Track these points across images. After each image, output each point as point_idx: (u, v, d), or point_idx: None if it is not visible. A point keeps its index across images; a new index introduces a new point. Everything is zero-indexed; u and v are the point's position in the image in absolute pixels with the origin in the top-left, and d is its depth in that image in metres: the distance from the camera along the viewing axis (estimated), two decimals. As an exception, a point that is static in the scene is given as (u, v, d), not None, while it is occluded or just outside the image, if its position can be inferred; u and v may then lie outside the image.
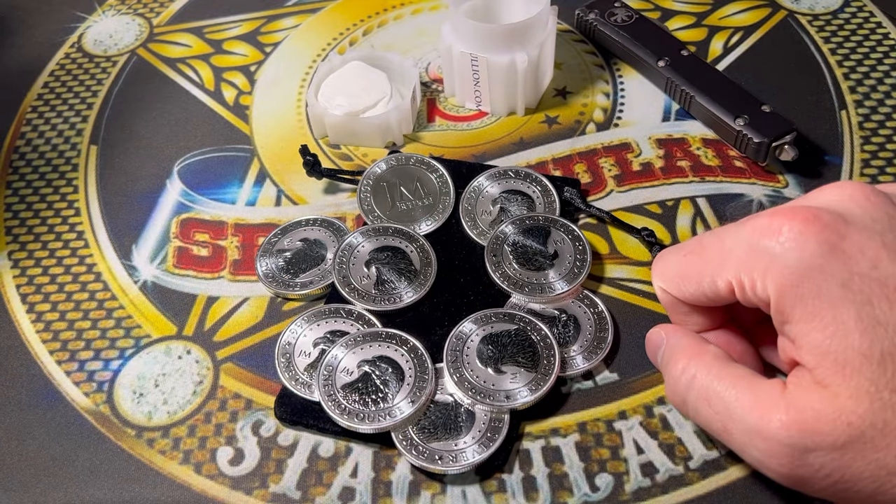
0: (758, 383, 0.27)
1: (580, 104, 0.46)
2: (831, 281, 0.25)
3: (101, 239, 0.41)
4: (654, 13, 0.51)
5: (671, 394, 0.30)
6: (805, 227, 0.25)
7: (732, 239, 0.28)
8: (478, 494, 0.31)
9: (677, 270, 0.30)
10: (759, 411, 0.26)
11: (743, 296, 0.28)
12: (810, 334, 0.25)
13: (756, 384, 0.27)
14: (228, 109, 0.47)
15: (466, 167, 0.42)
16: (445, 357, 0.34)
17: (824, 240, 0.25)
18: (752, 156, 0.41)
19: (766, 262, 0.26)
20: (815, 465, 0.24)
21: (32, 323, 0.38)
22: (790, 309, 0.25)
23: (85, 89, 0.49)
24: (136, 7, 0.55)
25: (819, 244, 0.25)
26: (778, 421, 0.25)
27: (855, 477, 0.24)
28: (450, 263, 0.38)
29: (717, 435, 0.28)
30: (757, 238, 0.26)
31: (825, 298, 0.25)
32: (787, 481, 0.26)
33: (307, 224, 0.40)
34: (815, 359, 0.25)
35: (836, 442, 0.24)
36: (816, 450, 0.24)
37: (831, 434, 0.24)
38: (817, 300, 0.25)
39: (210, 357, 0.36)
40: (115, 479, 0.32)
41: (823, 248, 0.25)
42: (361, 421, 0.32)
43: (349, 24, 0.52)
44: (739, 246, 0.27)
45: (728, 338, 0.32)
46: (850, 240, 0.25)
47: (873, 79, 0.46)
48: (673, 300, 0.31)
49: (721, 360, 0.29)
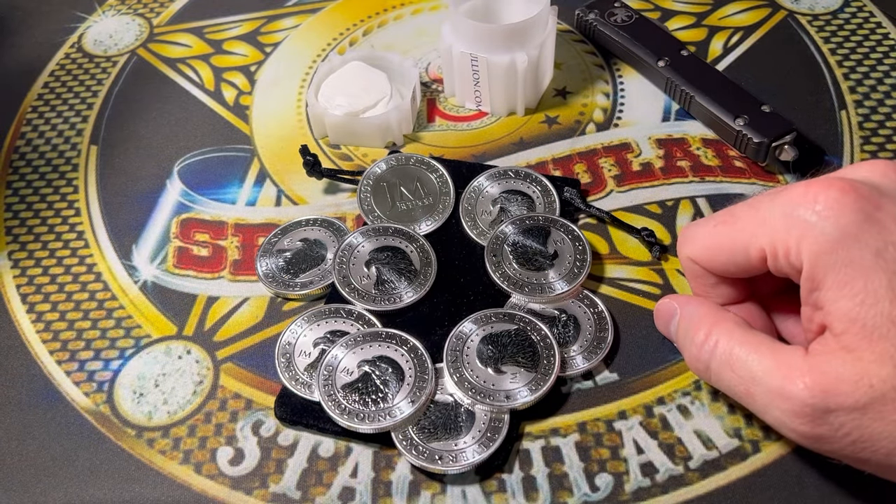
0: (780, 348, 0.27)
1: (580, 104, 0.46)
2: (865, 249, 0.25)
3: (101, 239, 0.41)
4: (654, 13, 0.51)
5: (693, 361, 0.30)
6: (842, 195, 0.26)
7: (767, 208, 0.28)
8: (478, 494, 0.31)
9: (708, 240, 0.30)
10: (782, 373, 0.26)
11: (775, 264, 0.28)
12: (840, 301, 0.25)
13: (778, 349, 0.27)
14: (228, 109, 0.47)
15: (466, 167, 0.42)
16: (445, 357, 0.34)
17: (860, 209, 0.25)
18: (752, 156, 0.41)
19: (801, 230, 0.26)
20: (836, 425, 0.25)
21: (32, 323, 0.38)
22: (823, 276, 0.26)
23: (85, 89, 0.49)
24: (136, 7, 0.55)
25: (855, 213, 0.25)
26: (801, 382, 0.26)
27: (874, 437, 0.25)
28: (450, 263, 0.38)
29: (739, 398, 0.28)
30: (792, 207, 0.27)
31: (858, 266, 0.25)
32: (807, 441, 0.26)
33: (307, 224, 0.40)
34: (843, 324, 0.25)
35: (858, 403, 0.25)
36: (838, 410, 0.25)
37: (853, 395, 0.25)
38: (850, 268, 0.25)
39: (210, 357, 0.36)
40: (115, 479, 0.32)
41: (859, 217, 0.25)
42: (361, 421, 0.32)
43: (349, 24, 0.52)
44: (774, 215, 0.27)
45: (751, 310, 0.32)
46: (885, 210, 0.26)
47: (873, 79, 0.46)
48: (700, 271, 0.31)
49: (742, 326, 0.29)
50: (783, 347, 0.28)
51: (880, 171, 0.27)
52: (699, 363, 0.30)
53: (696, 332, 0.30)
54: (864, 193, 0.26)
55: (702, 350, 0.30)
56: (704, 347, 0.30)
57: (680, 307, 0.32)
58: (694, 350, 0.30)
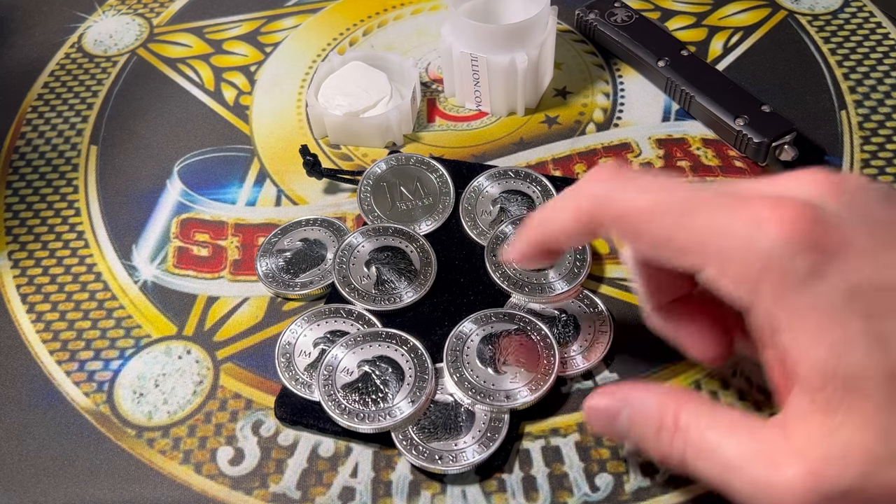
0: (756, 427, 0.25)
1: (580, 104, 0.46)
2: (834, 293, 0.22)
3: (101, 239, 0.41)
4: (654, 13, 0.51)
5: (664, 458, 0.27)
6: (809, 229, 0.23)
7: (723, 220, 0.24)
8: (478, 494, 0.31)
9: (638, 219, 0.26)
10: (764, 460, 0.24)
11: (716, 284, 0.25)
12: (812, 351, 0.23)
13: (755, 428, 0.25)
14: (228, 109, 0.47)
15: (466, 167, 0.42)
16: (445, 357, 0.34)
17: (828, 245, 0.23)
18: (752, 156, 0.41)
19: (761, 264, 0.23)
20: None
21: (32, 323, 0.38)
22: (787, 318, 0.23)
23: (85, 89, 0.49)
24: (136, 7, 0.55)
25: (822, 252, 0.23)
26: (789, 470, 0.23)
27: None
28: (450, 263, 0.38)
29: (718, 487, 0.25)
30: (754, 231, 0.23)
31: (827, 312, 0.22)
32: None
33: (307, 224, 0.40)
34: (819, 379, 0.23)
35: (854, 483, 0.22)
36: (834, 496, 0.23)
37: (846, 475, 0.22)
38: (818, 313, 0.23)
39: (210, 357, 0.36)
40: (115, 479, 0.32)
41: (826, 257, 0.23)
42: (361, 421, 0.32)
43: (349, 24, 0.52)
44: (731, 233, 0.24)
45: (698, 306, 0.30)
46: (852, 244, 0.23)
47: (873, 79, 0.46)
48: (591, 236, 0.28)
49: (707, 403, 0.26)
50: (759, 425, 0.25)
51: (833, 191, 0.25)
52: (672, 459, 0.26)
53: (660, 424, 0.26)
54: (832, 224, 0.23)
55: (673, 444, 0.26)
56: (676, 440, 0.26)
57: (627, 402, 0.28)
58: (664, 446, 0.26)
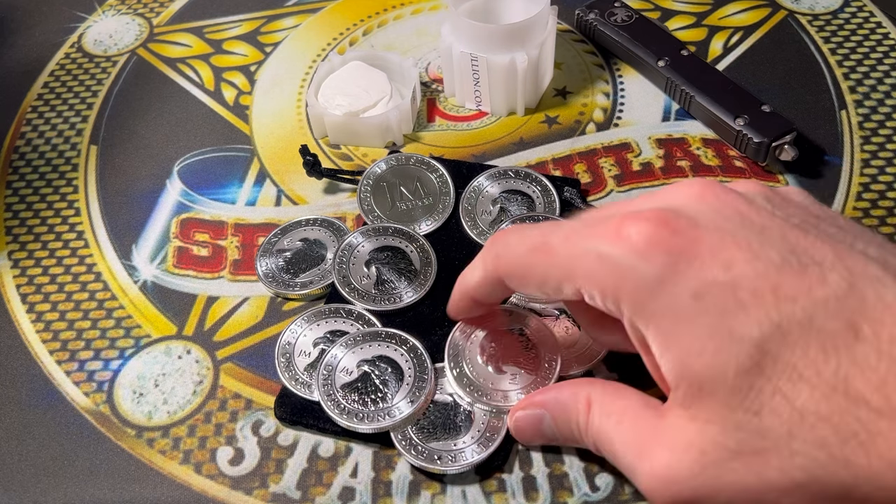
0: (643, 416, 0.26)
1: (580, 104, 0.46)
2: (684, 294, 0.23)
3: (101, 239, 0.41)
4: (654, 13, 0.51)
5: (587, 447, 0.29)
6: (656, 232, 0.24)
7: (582, 244, 0.26)
8: (478, 494, 0.31)
9: (520, 266, 0.28)
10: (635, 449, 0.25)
11: (594, 304, 0.26)
12: (667, 353, 0.24)
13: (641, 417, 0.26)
14: (228, 109, 0.47)
15: (466, 167, 0.42)
16: (446, 357, 0.34)
17: (675, 248, 0.23)
18: (752, 156, 0.41)
19: (616, 276, 0.24)
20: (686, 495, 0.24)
21: (32, 323, 0.38)
22: (645, 325, 0.24)
23: (85, 89, 0.49)
24: (136, 7, 0.55)
25: (670, 254, 0.23)
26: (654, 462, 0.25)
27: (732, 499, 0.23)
28: (450, 263, 0.38)
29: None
30: (607, 246, 0.25)
31: (678, 313, 0.23)
32: None
33: (307, 224, 0.40)
34: (673, 379, 0.24)
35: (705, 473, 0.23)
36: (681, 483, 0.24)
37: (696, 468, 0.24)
38: (670, 316, 0.23)
39: (210, 357, 0.36)
40: (115, 479, 0.32)
41: (674, 259, 0.23)
42: (361, 421, 0.32)
43: (349, 24, 0.52)
44: (589, 254, 0.25)
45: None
46: (701, 244, 0.23)
47: (873, 79, 0.46)
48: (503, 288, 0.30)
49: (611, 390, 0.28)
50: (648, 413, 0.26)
51: (696, 194, 0.25)
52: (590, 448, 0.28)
53: (577, 417, 0.28)
54: (681, 227, 0.24)
55: (587, 432, 0.28)
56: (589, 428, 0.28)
57: (544, 405, 0.30)
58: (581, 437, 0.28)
